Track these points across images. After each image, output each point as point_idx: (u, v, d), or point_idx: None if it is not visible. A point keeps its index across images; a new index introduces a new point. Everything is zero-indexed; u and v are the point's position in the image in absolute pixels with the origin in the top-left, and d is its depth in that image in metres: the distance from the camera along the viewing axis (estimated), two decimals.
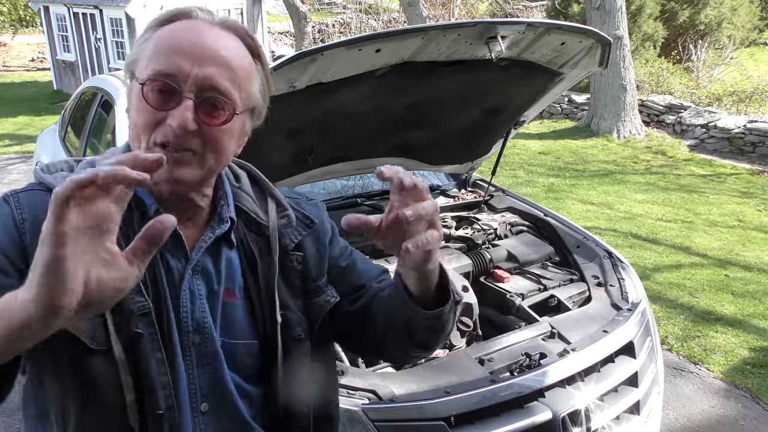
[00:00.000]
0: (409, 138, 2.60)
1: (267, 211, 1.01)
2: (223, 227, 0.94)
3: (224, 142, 0.87)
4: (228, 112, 0.85)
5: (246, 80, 0.87)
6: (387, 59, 1.93)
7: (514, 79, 2.34)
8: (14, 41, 20.12)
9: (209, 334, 0.91)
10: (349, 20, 16.72)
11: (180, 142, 0.83)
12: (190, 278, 0.90)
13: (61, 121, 4.49)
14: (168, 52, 0.83)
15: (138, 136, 0.85)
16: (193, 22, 0.86)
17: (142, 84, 0.82)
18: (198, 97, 0.82)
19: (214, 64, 0.83)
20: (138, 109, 0.84)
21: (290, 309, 0.98)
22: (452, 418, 1.67)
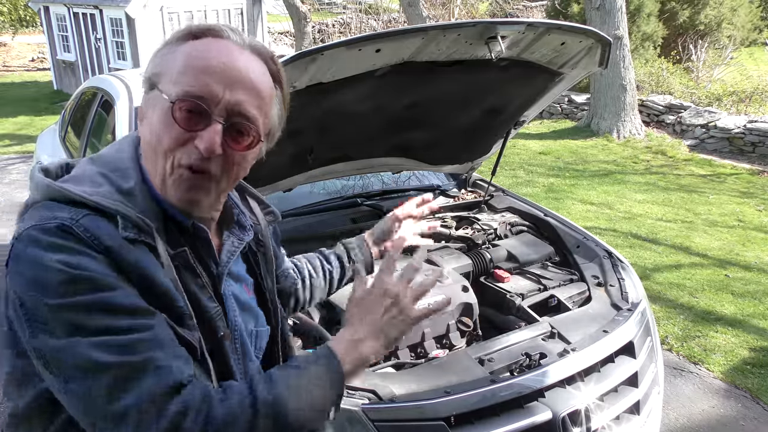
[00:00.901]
0: (409, 138, 2.60)
1: (252, 211, 1.08)
2: (249, 234, 1.01)
3: (243, 167, 0.89)
4: (253, 138, 0.86)
5: (269, 107, 0.90)
6: (387, 59, 1.93)
7: (514, 79, 2.34)
8: (14, 41, 20.12)
9: (238, 331, 0.96)
10: (349, 20, 16.72)
11: (203, 165, 0.83)
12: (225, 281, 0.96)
13: (61, 121, 4.49)
14: (199, 71, 0.82)
15: (161, 154, 0.84)
16: (223, 42, 0.85)
17: (173, 102, 0.82)
18: (227, 122, 0.83)
19: (244, 89, 0.84)
20: (164, 127, 0.83)
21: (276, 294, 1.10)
22: (452, 418, 1.67)
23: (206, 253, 0.94)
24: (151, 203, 0.87)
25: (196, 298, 0.87)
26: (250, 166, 0.93)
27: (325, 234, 2.45)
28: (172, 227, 0.89)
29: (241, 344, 0.97)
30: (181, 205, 0.87)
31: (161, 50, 0.87)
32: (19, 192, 6.61)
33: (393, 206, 2.81)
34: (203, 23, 0.89)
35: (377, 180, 3.20)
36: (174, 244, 0.88)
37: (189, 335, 0.84)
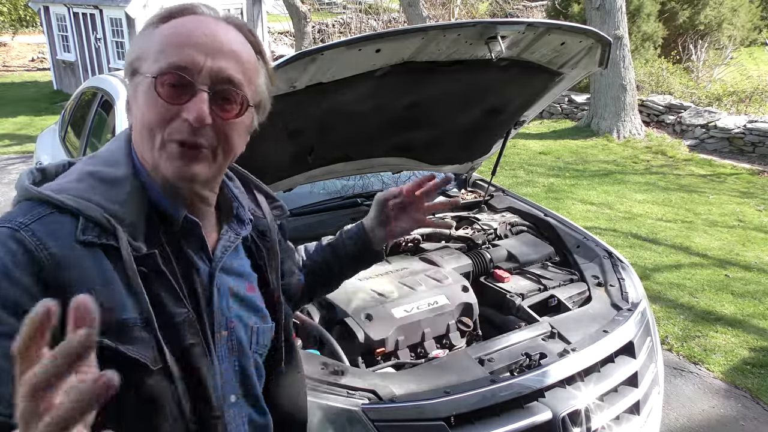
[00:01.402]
0: (409, 138, 2.60)
1: (259, 204, 1.06)
2: (246, 228, 0.98)
3: (235, 137, 0.86)
4: (241, 104, 0.84)
5: (254, 74, 0.88)
6: (387, 59, 1.93)
7: (514, 79, 2.34)
8: (14, 41, 20.12)
9: (234, 328, 0.94)
10: (349, 20, 16.72)
11: (194, 137, 0.81)
12: (218, 278, 0.93)
13: (61, 121, 4.49)
14: (180, 44, 0.81)
15: (148, 133, 0.83)
16: (199, 17, 0.85)
17: (155, 77, 0.80)
18: (212, 90, 0.81)
19: (226, 57, 0.83)
20: (148, 104, 0.81)
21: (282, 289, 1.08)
22: (452, 418, 1.67)
23: (197, 249, 0.91)
24: (139, 194, 0.85)
25: (161, 303, 0.82)
26: (245, 139, 0.91)
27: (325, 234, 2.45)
28: (155, 222, 0.86)
29: (237, 341, 0.95)
30: (177, 180, 0.83)
31: (140, 36, 0.86)
32: None
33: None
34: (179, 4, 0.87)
35: (377, 180, 3.20)
36: (152, 242, 0.84)
37: (133, 350, 0.78)
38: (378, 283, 2.23)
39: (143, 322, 0.80)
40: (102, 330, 0.70)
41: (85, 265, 0.77)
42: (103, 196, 0.82)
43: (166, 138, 0.82)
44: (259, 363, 1.01)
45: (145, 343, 0.81)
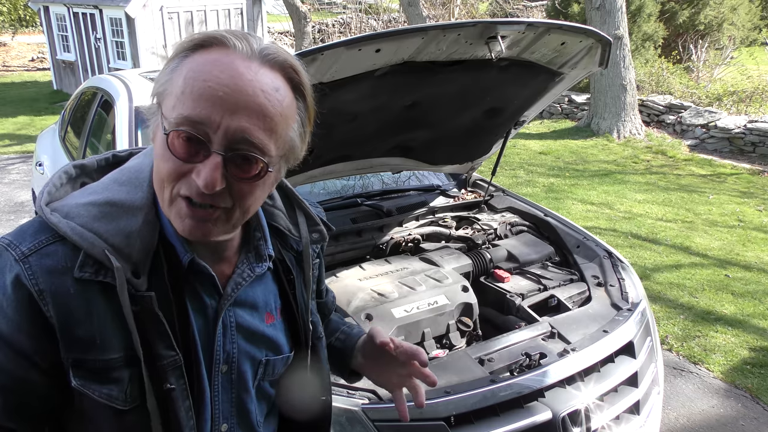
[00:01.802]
0: (409, 138, 2.60)
1: (297, 224, 1.00)
2: (262, 267, 0.92)
3: (255, 196, 0.80)
4: (262, 166, 0.77)
5: (284, 126, 0.78)
6: (387, 59, 1.93)
7: (514, 79, 2.34)
8: (14, 41, 20.12)
9: (236, 362, 0.92)
10: (349, 20, 16.71)
11: (205, 199, 0.76)
12: (224, 314, 0.89)
13: (61, 121, 4.49)
14: (198, 96, 0.73)
15: (159, 183, 0.79)
16: (227, 56, 0.75)
17: (167, 134, 0.74)
18: (228, 152, 0.74)
19: (248, 113, 0.74)
20: (162, 155, 0.76)
21: (313, 313, 1.03)
22: (452, 418, 1.67)
23: (206, 285, 0.87)
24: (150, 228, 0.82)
25: (149, 344, 0.81)
26: (267, 193, 0.84)
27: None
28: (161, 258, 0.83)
29: (238, 374, 0.92)
30: (188, 237, 0.81)
31: (169, 64, 0.79)
32: (18, 192, 6.61)
33: (393, 207, 2.84)
34: (210, 32, 0.78)
35: (377, 180, 3.20)
36: (155, 279, 0.81)
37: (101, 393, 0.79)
38: (378, 283, 2.23)
39: (126, 360, 0.80)
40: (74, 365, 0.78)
41: (75, 301, 0.77)
42: (113, 226, 0.80)
43: (175, 193, 0.77)
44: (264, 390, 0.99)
45: (121, 383, 0.80)
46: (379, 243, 2.62)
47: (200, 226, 0.78)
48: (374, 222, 2.67)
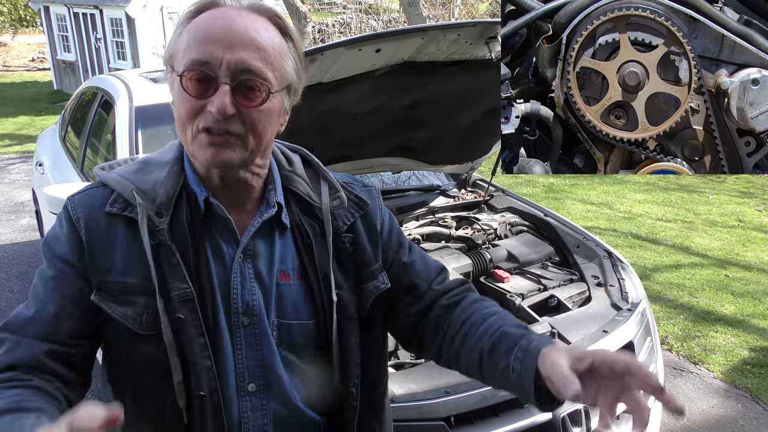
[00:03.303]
0: (409, 138, 2.61)
1: (320, 193, 1.03)
2: (270, 212, 0.97)
3: (263, 123, 0.89)
4: (264, 92, 0.87)
5: (278, 59, 0.90)
6: (387, 59, 1.93)
7: None
8: (14, 41, 20.14)
9: (258, 316, 0.94)
10: (349, 20, 16.72)
11: (221, 126, 0.86)
12: (240, 262, 0.94)
13: (61, 121, 4.49)
14: (200, 41, 0.86)
15: (182, 127, 0.90)
16: (221, 10, 0.89)
17: (181, 75, 0.87)
18: (233, 81, 0.85)
19: (244, 47, 0.86)
20: (180, 100, 0.88)
21: (344, 289, 1.00)
22: (452, 418, 1.67)
23: (223, 231, 0.95)
24: (175, 177, 0.94)
25: (163, 275, 0.90)
26: (277, 122, 0.94)
27: None
28: (183, 203, 0.93)
29: (261, 331, 0.94)
30: (211, 166, 0.90)
31: (173, 34, 0.93)
32: (19, 192, 6.61)
33: (393, 207, 2.84)
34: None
35: (377, 180, 3.20)
36: (176, 221, 0.92)
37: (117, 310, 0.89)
38: None
39: (143, 289, 0.89)
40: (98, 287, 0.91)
41: (104, 229, 0.92)
42: (143, 176, 0.95)
43: (195, 130, 0.88)
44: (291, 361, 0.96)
45: (136, 307, 0.89)
46: None
47: (220, 152, 0.88)
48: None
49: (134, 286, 0.90)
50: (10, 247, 5.12)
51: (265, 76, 0.87)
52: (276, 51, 0.89)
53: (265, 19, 0.90)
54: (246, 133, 0.88)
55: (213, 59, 0.85)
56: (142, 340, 0.89)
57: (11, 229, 5.53)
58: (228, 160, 0.89)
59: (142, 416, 0.92)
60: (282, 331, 0.96)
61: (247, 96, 0.87)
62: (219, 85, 0.85)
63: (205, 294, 0.91)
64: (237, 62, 0.85)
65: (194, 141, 0.89)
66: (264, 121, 0.89)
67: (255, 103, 0.87)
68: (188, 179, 0.96)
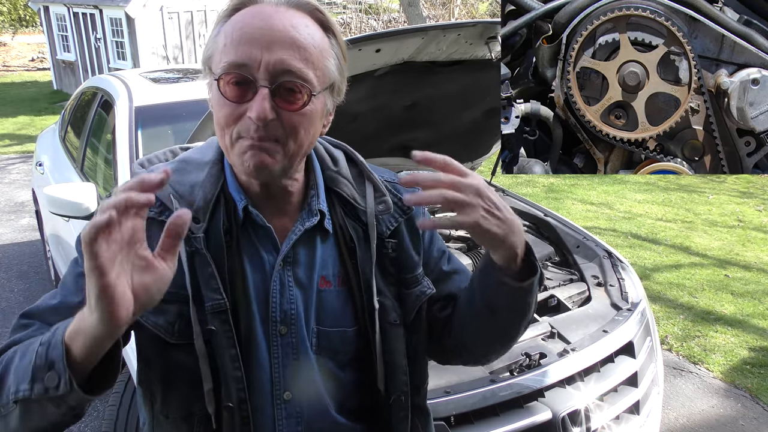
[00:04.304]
0: (409, 138, 2.61)
1: (365, 195, 0.99)
2: (312, 220, 0.93)
3: (305, 127, 0.85)
4: (305, 94, 0.83)
5: (320, 57, 0.85)
6: (387, 59, 1.93)
7: None
8: (14, 41, 20.14)
9: (296, 324, 0.91)
10: (349, 20, 16.71)
11: (261, 133, 0.82)
12: (280, 270, 0.91)
13: (61, 121, 4.49)
14: (237, 42, 0.82)
15: (221, 131, 0.86)
16: (259, 7, 0.84)
17: (218, 79, 0.83)
18: (273, 84, 0.81)
19: (283, 46, 0.81)
20: (218, 105, 0.85)
21: (385, 295, 0.97)
22: (452, 418, 1.67)
23: (263, 239, 0.92)
24: (213, 180, 0.91)
25: (197, 284, 0.87)
26: (320, 125, 0.89)
27: None
28: (221, 208, 0.90)
29: (299, 339, 0.91)
30: (251, 175, 0.86)
31: (211, 34, 0.88)
32: (19, 192, 6.61)
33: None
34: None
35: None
36: (213, 227, 0.89)
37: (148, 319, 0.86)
38: None
39: (177, 297, 0.86)
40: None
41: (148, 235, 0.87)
42: (182, 178, 0.91)
43: (234, 136, 0.84)
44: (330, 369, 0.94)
45: (169, 316, 0.87)
46: None
47: (260, 158, 0.84)
48: None
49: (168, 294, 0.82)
50: (10, 247, 5.12)
51: (306, 76, 0.83)
52: (317, 49, 0.85)
53: (305, 15, 0.86)
54: (287, 138, 0.84)
55: (251, 61, 0.81)
56: (173, 348, 0.87)
57: (11, 229, 5.53)
58: (269, 166, 0.85)
59: (171, 419, 0.91)
60: (321, 339, 0.93)
61: (288, 99, 0.82)
62: (258, 88, 0.81)
63: (240, 305, 0.89)
64: (276, 63, 0.81)
65: (233, 148, 0.85)
66: (306, 125, 0.85)
67: (296, 107, 0.83)
68: (227, 183, 0.92)
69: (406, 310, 0.99)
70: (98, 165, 3.34)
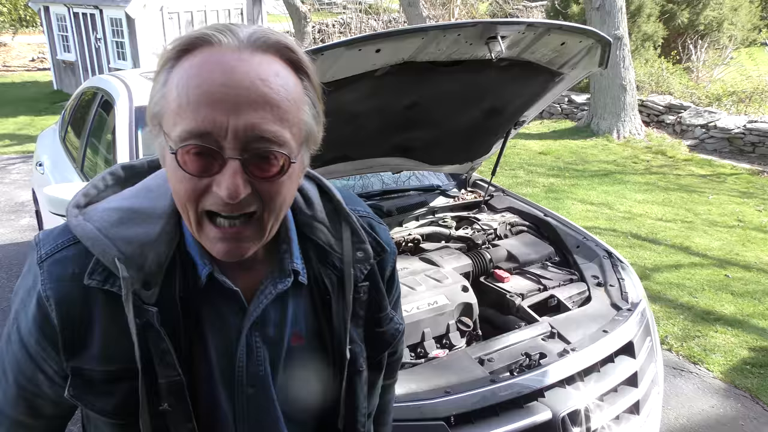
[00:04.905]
0: (409, 138, 2.60)
1: (341, 239, 0.89)
2: (285, 282, 0.83)
3: (283, 195, 0.74)
4: (282, 160, 0.71)
5: (295, 111, 0.72)
6: (387, 59, 1.93)
7: (514, 79, 2.35)
8: (14, 41, 20.12)
9: (264, 383, 0.84)
10: (349, 20, 16.71)
11: (233, 208, 0.70)
12: (248, 332, 0.82)
13: (61, 121, 4.49)
14: (195, 105, 0.67)
15: (182, 207, 0.74)
16: (215, 54, 0.69)
17: (174, 153, 0.69)
18: (244, 153, 0.68)
19: (253, 107, 0.67)
20: (176, 178, 0.71)
21: (355, 342, 0.91)
22: (452, 418, 1.67)
23: (227, 302, 0.81)
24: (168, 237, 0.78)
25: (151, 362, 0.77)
26: (295, 187, 0.78)
27: None
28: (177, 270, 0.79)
29: (266, 398, 0.85)
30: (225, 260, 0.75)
31: (158, 79, 0.73)
32: (19, 192, 6.61)
33: (393, 207, 2.84)
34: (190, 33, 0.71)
35: (377, 180, 3.20)
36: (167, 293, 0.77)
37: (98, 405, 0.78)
38: None
39: (126, 373, 0.77)
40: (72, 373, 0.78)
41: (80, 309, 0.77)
42: (129, 233, 0.77)
43: (200, 212, 0.72)
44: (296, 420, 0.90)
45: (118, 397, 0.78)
46: None
47: (234, 246, 0.74)
48: None
49: (117, 372, 0.76)
50: (10, 247, 5.12)
51: (282, 139, 0.69)
52: (291, 102, 0.71)
53: (274, 58, 0.71)
54: (263, 209, 0.72)
55: (215, 128, 0.67)
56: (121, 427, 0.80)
57: (11, 229, 5.53)
58: (244, 254, 0.74)
59: None
60: (288, 392, 0.87)
61: (262, 167, 0.70)
62: (226, 160, 0.68)
63: (200, 377, 0.81)
64: (246, 128, 0.67)
65: (200, 229, 0.74)
66: (284, 191, 0.73)
67: (272, 174, 0.70)
68: (186, 242, 0.80)
69: (376, 351, 0.96)
70: (98, 165, 3.35)
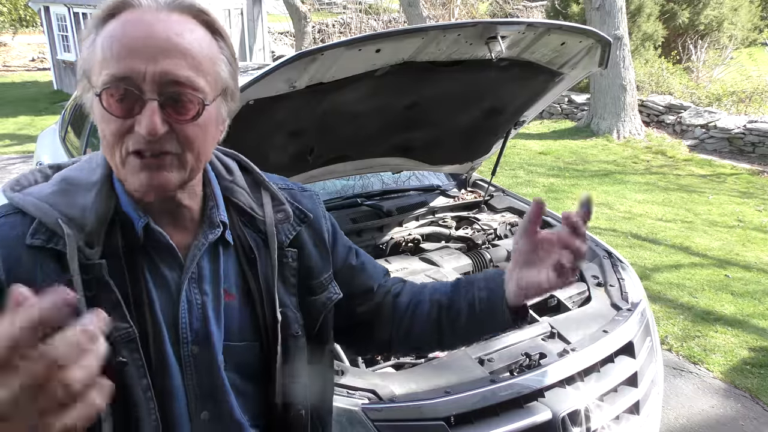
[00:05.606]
0: (409, 138, 2.60)
1: (262, 204, 0.97)
2: (215, 232, 0.90)
3: (200, 137, 0.81)
4: (197, 104, 0.78)
5: (210, 63, 0.80)
6: (387, 59, 1.93)
7: (514, 79, 2.35)
8: (14, 41, 20.13)
9: (208, 342, 0.88)
10: (349, 20, 16.71)
11: (154, 147, 0.77)
12: (187, 288, 0.87)
13: (61, 121, 4.49)
14: (117, 54, 0.75)
15: (109, 149, 0.80)
16: (136, 13, 0.77)
17: (98, 95, 0.76)
18: (161, 96, 0.76)
19: (169, 55, 0.76)
20: (103, 121, 0.78)
21: (287, 306, 0.95)
22: (452, 418, 1.67)
23: (165, 257, 0.86)
24: (105, 200, 0.84)
25: None
26: (216, 132, 0.85)
27: None
28: (117, 229, 0.83)
29: (210, 357, 0.88)
30: (146, 193, 0.80)
31: (85, 42, 0.80)
32: None
33: (393, 207, 2.85)
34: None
35: (377, 180, 3.20)
36: (110, 250, 0.82)
37: None
38: None
39: None
40: None
41: (25, 267, 0.79)
42: (68, 200, 0.83)
43: (124, 152, 0.78)
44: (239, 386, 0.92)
45: None
46: (379, 243, 2.62)
47: (155, 175, 0.79)
48: (374, 222, 2.67)
49: None
50: None
51: (197, 85, 0.77)
52: (205, 54, 0.79)
53: (189, 18, 0.80)
54: (183, 150, 0.79)
55: (134, 73, 0.74)
56: None
57: None
58: (165, 184, 0.80)
59: None
60: (228, 354, 0.90)
61: (179, 110, 0.77)
62: (145, 101, 0.75)
63: (148, 330, 0.83)
64: (162, 74, 0.75)
65: (125, 166, 0.79)
66: (201, 135, 0.80)
67: (188, 117, 0.78)
68: (121, 202, 0.85)
69: (311, 319, 0.98)
70: None
